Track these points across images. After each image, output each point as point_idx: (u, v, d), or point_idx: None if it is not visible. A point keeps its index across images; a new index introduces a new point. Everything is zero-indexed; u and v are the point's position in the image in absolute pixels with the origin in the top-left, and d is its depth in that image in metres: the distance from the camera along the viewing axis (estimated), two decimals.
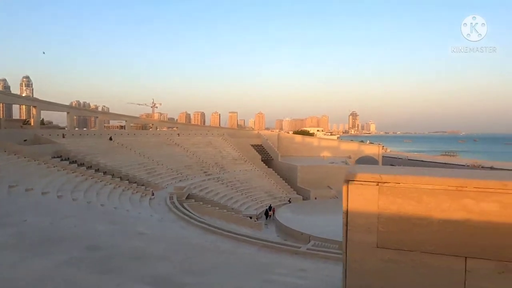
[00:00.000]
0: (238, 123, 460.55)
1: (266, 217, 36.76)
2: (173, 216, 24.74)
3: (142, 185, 33.44)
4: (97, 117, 51.03)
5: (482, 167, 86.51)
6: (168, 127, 65.63)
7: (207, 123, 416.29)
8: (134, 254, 8.47)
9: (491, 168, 75.35)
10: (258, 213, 37.58)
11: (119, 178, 32.19)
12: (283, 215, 36.01)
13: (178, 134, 57.02)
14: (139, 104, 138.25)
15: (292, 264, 15.20)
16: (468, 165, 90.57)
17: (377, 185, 2.25)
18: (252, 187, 45.38)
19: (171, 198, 29.39)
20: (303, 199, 44.75)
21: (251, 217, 34.32)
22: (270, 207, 38.67)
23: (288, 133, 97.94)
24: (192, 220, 23.34)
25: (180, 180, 39.91)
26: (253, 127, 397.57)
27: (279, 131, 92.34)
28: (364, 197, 2.28)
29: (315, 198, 44.25)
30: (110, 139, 45.08)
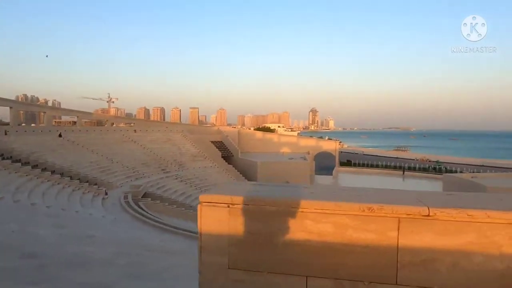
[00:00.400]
0: (200, 119, 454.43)
1: None
2: (127, 216, 23.88)
3: (95, 184, 31.90)
4: (45, 112, 47.76)
5: (429, 160, 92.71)
6: (126, 123, 63.13)
7: (167, 119, 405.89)
8: (76, 260, 8.02)
9: (437, 161, 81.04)
10: None
11: (69, 178, 30.45)
12: None
13: (135, 130, 55.03)
14: (94, 99, 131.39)
15: None
16: (417, 159, 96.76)
17: (228, 207, 2.31)
18: (211, 184, 44.97)
19: (125, 197, 28.36)
20: None
21: None
22: None
23: (249, 129, 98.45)
24: (147, 220, 22.71)
25: (137, 178, 38.64)
26: (214, 123, 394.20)
27: (240, 128, 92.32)
28: (216, 219, 2.33)
29: None
30: (60, 135, 42.43)
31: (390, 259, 2.04)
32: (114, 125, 58.70)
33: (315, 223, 2.14)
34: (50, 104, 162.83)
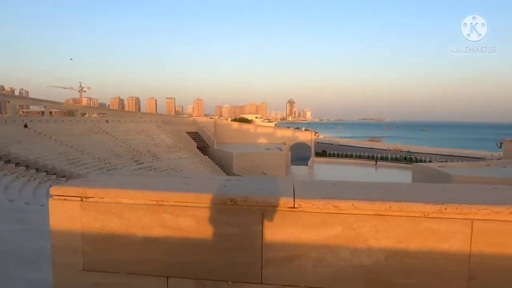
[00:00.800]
0: (176, 109, 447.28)
1: None
2: None
3: (63, 176, 30.80)
4: (9, 101, 45.34)
5: (401, 150, 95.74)
6: (99, 114, 61.06)
7: (142, 110, 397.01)
8: (30, 256, 7.68)
9: (408, 152, 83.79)
10: None
11: (35, 170, 29.24)
12: None
13: (107, 121, 53.38)
14: (64, 88, 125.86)
15: None
16: (390, 149, 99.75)
17: (81, 200, 2.06)
18: (187, 175, 44.49)
19: None
20: None
21: None
22: None
23: (226, 120, 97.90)
24: None
25: (108, 170, 37.54)
26: (191, 113, 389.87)
27: (216, 118, 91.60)
28: (68, 214, 2.06)
29: None
30: (26, 126, 40.51)
31: (255, 256, 1.89)
32: (87, 115, 56.66)
33: (174, 217, 1.94)
34: (17, 93, 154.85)
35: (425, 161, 59.54)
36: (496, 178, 30.38)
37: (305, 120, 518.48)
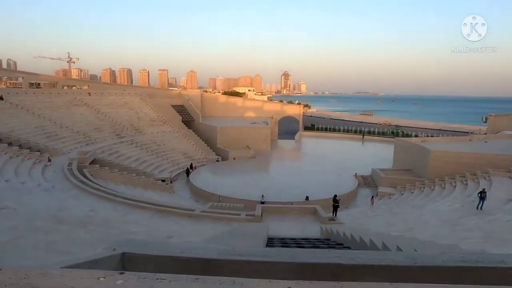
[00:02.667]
0: (169, 81, 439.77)
1: (187, 175, 36.96)
2: (68, 184, 22.87)
3: (38, 150, 30.19)
4: None
5: (390, 124, 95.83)
6: (89, 86, 59.41)
7: (134, 82, 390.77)
8: None
9: (396, 126, 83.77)
10: (172, 176, 36.94)
11: (6, 144, 28.53)
12: (198, 177, 36.00)
13: (89, 93, 52.08)
14: (52, 59, 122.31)
15: (182, 228, 15.03)
16: (380, 123, 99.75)
17: None
18: (169, 149, 44.13)
19: (70, 164, 27.06)
20: (222, 160, 45.06)
21: (163, 180, 33.58)
22: (191, 166, 39.30)
23: (214, 93, 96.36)
24: (88, 188, 21.89)
25: (87, 144, 37.05)
26: (185, 86, 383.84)
27: (203, 91, 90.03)
28: None
29: (234, 159, 44.82)
30: (1, 98, 39.33)
31: None
32: (74, 87, 55.07)
33: None
34: (4, 64, 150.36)
35: (411, 136, 59.51)
36: (472, 153, 30.44)
37: (300, 93, 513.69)
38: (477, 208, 18.83)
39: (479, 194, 19.23)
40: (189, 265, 2.25)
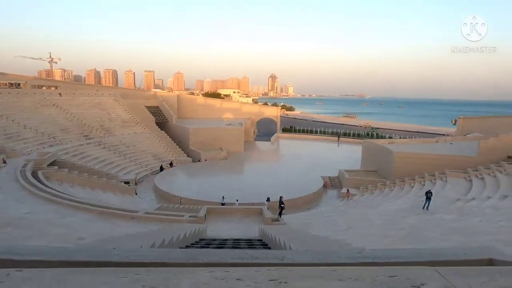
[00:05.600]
0: (156, 83, 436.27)
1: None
2: (16, 186, 22.20)
3: None
4: None
5: (371, 127, 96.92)
6: (52, 86, 58.16)
7: (120, 83, 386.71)
8: None
9: (371, 128, 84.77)
10: (138, 178, 36.40)
11: None
12: (164, 179, 35.55)
13: (60, 94, 51.04)
14: (33, 58, 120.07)
15: (112, 230, 14.70)
16: (360, 125, 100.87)
17: None
18: (139, 150, 43.56)
19: (24, 165, 26.36)
20: (194, 161, 44.67)
21: (127, 182, 33.04)
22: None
23: (193, 94, 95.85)
24: (35, 190, 21.30)
25: (51, 145, 36.22)
26: (171, 87, 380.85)
27: (179, 93, 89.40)
28: None
29: (205, 160, 44.48)
30: None
31: None
32: (44, 88, 53.74)
33: None
34: None
35: (385, 137, 60.21)
36: (432, 155, 30.93)
37: (287, 96, 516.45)
38: (423, 208, 19.04)
39: (426, 195, 19.46)
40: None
